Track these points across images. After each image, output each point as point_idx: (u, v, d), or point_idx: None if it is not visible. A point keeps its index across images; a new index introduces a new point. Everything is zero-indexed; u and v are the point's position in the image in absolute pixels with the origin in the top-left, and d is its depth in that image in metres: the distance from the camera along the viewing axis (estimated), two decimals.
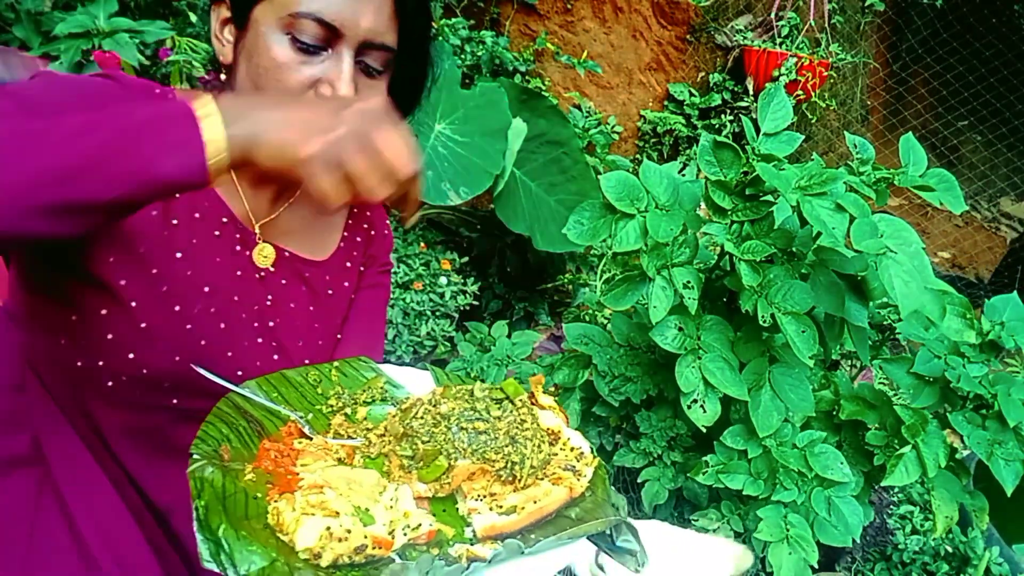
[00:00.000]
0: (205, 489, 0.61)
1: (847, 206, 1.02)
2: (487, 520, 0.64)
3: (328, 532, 0.58)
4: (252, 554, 0.56)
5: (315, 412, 0.78)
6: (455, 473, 0.68)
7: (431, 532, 0.63)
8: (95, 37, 1.72)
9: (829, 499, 1.24)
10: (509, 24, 3.47)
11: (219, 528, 0.57)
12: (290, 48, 0.79)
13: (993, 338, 1.26)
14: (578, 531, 0.66)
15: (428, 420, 0.72)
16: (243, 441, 0.70)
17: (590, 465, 0.72)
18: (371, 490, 0.65)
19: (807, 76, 3.75)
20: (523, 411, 0.75)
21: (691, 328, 1.19)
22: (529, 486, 0.68)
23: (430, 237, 2.56)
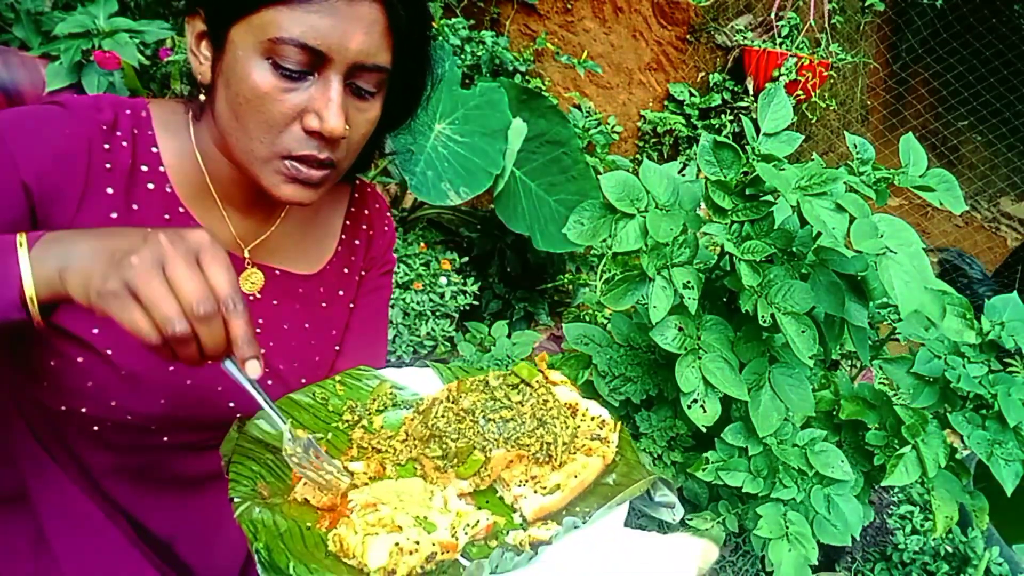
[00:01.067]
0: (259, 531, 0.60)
1: (847, 206, 1.02)
2: (535, 503, 0.65)
3: (398, 547, 0.58)
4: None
5: (332, 431, 0.77)
6: (493, 464, 0.68)
7: (489, 525, 0.64)
8: (95, 37, 1.72)
9: (829, 497, 1.24)
10: (509, 24, 3.47)
11: (288, 566, 0.57)
12: (272, 75, 0.71)
13: (993, 338, 1.26)
14: (625, 495, 0.68)
15: (451, 417, 0.72)
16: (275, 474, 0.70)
17: (614, 431, 0.74)
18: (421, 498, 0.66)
19: (807, 76, 3.76)
20: (541, 391, 0.75)
21: (691, 328, 1.19)
22: (565, 463, 0.69)
23: (430, 237, 2.56)
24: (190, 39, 0.78)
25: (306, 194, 0.77)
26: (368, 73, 0.75)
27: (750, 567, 1.58)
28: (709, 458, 1.27)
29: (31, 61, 1.54)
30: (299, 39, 0.70)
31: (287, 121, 0.73)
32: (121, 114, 0.79)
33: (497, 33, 3.23)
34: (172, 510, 0.89)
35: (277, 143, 0.74)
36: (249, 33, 0.71)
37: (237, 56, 0.72)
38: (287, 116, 0.73)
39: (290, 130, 0.74)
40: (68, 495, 0.84)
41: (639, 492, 0.69)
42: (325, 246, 0.95)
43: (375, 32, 0.73)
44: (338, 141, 0.76)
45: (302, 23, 0.70)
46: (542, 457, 0.69)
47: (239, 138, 0.75)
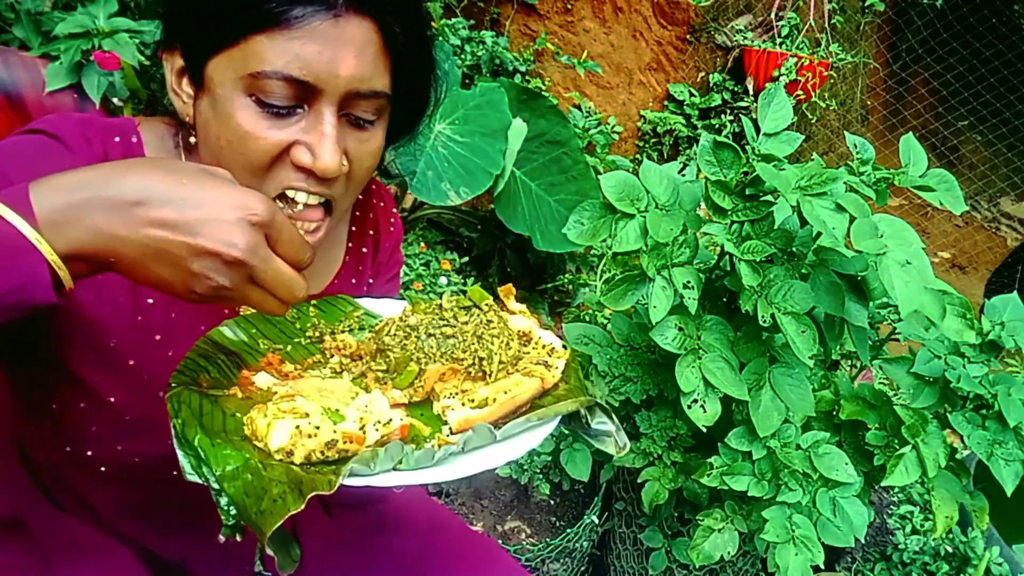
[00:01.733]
0: (182, 408, 0.63)
1: (847, 206, 1.02)
2: (461, 414, 0.66)
3: (298, 430, 0.59)
4: (227, 457, 0.58)
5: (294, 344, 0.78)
6: (427, 376, 0.69)
7: (404, 427, 0.64)
8: (95, 37, 1.72)
9: (834, 500, 1.24)
10: (509, 24, 3.47)
11: (194, 439, 0.59)
12: (256, 113, 0.64)
13: (993, 338, 1.26)
14: (548, 412, 0.68)
15: (399, 334, 0.73)
16: (222, 372, 0.71)
17: (562, 357, 0.74)
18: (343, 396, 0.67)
19: (807, 76, 3.75)
20: (490, 314, 0.76)
21: (691, 328, 1.19)
22: (499, 379, 0.69)
23: (430, 237, 2.56)
24: (170, 77, 0.72)
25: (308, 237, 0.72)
26: (365, 100, 0.68)
27: (751, 567, 1.58)
28: (713, 463, 1.27)
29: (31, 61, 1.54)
30: (283, 71, 0.62)
31: (273, 158, 0.66)
32: (111, 143, 0.72)
33: (497, 33, 3.23)
34: (180, 536, 0.88)
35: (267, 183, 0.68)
36: (228, 68, 0.64)
37: (216, 95, 0.65)
38: (272, 154, 0.66)
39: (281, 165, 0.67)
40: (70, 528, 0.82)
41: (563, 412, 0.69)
42: (331, 259, 0.92)
43: (368, 54, 0.66)
44: (334, 178, 0.69)
45: (285, 53, 0.62)
46: (475, 372, 0.70)
47: None
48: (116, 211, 0.50)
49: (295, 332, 0.80)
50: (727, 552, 1.30)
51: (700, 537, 1.31)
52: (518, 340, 0.75)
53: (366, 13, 0.65)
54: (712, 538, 1.30)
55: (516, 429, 0.66)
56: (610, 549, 1.72)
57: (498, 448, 0.65)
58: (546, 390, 0.71)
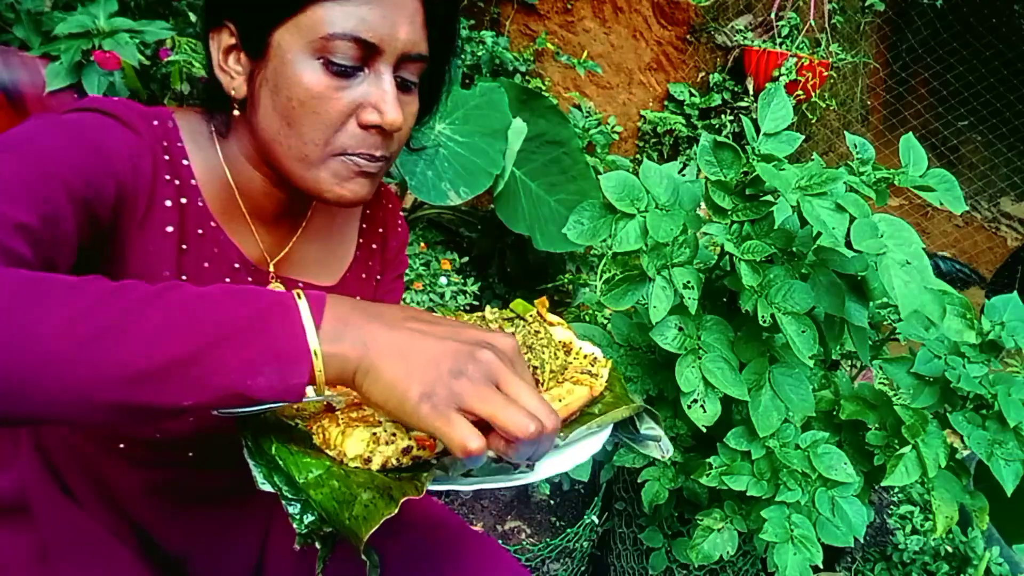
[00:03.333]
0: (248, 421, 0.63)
1: (847, 206, 1.02)
2: None
3: (374, 437, 0.60)
4: (308, 465, 0.58)
5: None
6: None
7: None
8: (95, 37, 1.72)
9: (833, 499, 1.24)
10: (509, 24, 3.47)
11: (271, 448, 0.59)
12: (324, 74, 0.70)
13: (993, 338, 1.26)
14: (606, 419, 0.70)
15: None
16: None
17: (605, 367, 0.76)
18: None
19: (807, 76, 3.76)
20: (535, 325, 0.78)
21: (691, 328, 1.19)
22: (551, 388, 0.71)
23: (430, 237, 2.56)
24: (216, 56, 0.75)
25: (366, 189, 0.76)
26: (412, 64, 0.75)
27: (750, 567, 1.58)
28: (712, 463, 1.27)
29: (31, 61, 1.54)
30: (352, 33, 0.69)
31: (343, 119, 0.72)
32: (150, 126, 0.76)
33: (497, 33, 3.23)
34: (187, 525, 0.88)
35: (332, 143, 0.73)
36: (296, 34, 0.69)
37: (285, 60, 0.70)
38: (343, 114, 0.72)
39: (346, 127, 0.73)
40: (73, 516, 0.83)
41: (623, 416, 0.72)
42: (343, 253, 0.95)
43: (417, 22, 0.73)
44: (391, 135, 0.75)
45: (353, 16, 0.69)
46: None
47: (292, 144, 0.73)
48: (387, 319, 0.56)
49: None
50: (726, 552, 1.30)
51: (699, 537, 1.31)
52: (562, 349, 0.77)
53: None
54: (711, 538, 1.30)
55: (578, 436, 0.68)
56: (610, 549, 1.72)
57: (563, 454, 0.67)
58: (594, 398, 0.73)
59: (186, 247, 0.76)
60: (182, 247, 0.76)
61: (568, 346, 0.79)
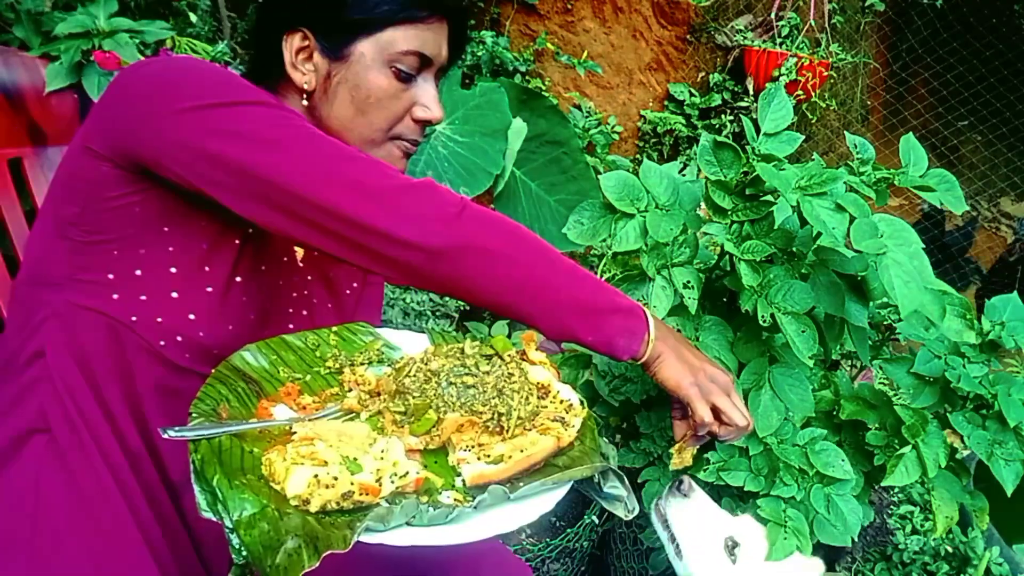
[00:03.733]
0: (201, 444, 0.63)
1: (847, 206, 1.02)
2: (475, 469, 0.66)
3: (316, 479, 0.60)
4: (244, 501, 0.58)
5: (313, 374, 0.79)
6: (444, 425, 0.70)
7: (419, 480, 0.65)
8: (95, 37, 1.72)
9: (828, 497, 1.24)
10: (509, 24, 3.47)
11: (213, 478, 0.59)
12: (393, 79, 0.91)
13: (993, 338, 1.26)
14: (563, 476, 0.69)
15: (420, 377, 0.74)
16: (242, 401, 0.72)
17: (579, 416, 0.75)
18: (361, 442, 0.67)
19: (807, 76, 3.75)
20: (511, 366, 0.77)
21: (691, 328, 1.19)
22: (517, 436, 0.70)
23: None
24: (289, 55, 0.92)
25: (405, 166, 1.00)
26: (441, 73, 0.98)
27: None
28: (710, 459, 1.27)
29: (31, 61, 1.54)
30: (418, 50, 0.91)
31: (403, 113, 0.94)
32: None
33: (497, 33, 3.23)
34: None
35: (393, 130, 0.95)
36: (375, 47, 0.90)
37: (365, 64, 0.90)
38: (404, 109, 0.94)
39: (404, 120, 0.95)
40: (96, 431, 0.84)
41: (578, 476, 0.70)
42: None
43: (447, 42, 0.96)
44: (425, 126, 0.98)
45: (419, 39, 0.91)
46: (493, 426, 0.70)
47: (362, 131, 0.93)
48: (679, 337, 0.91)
49: (315, 361, 0.82)
50: None
51: None
52: (536, 393, 0.76)
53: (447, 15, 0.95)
54: None
55: (530, 492, 0.66)
56: (610, 549, 1.72)
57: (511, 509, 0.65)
58: (561, 449, 0.71)
59: None
60: None
61: (546, 388, 0.78)
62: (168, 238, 0.83)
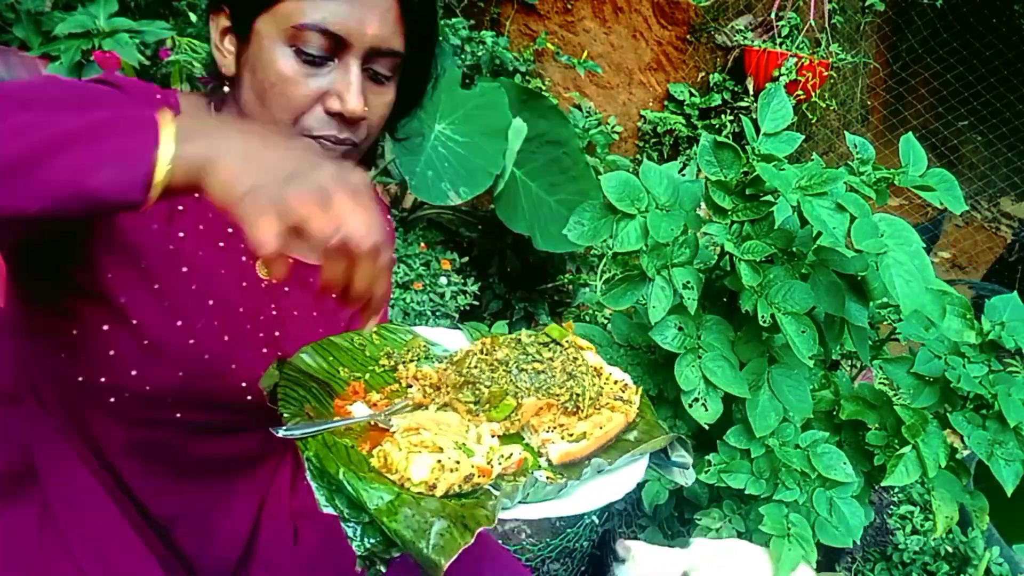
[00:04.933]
0: (309, 443, 0.64)
1: (847, 206, 1.02)
2: (561, 448, 0.70)
3: (440, 465, 0.62)
4: (376, 491, 0.60)
5: (370, 372, 0.81)
6: (524, 410, 0.73)
7: (520, 460, 0.68)
8: (95, 37, 1.72)
9: (831, 500, 1.24)
10: (509, 24, 3.47)
11: (338, 472, 0.61)
12: (295, 61, 0.77)
13: (993, 338, 1.26)
14: (647, 447, 0.73)
15: (485, 367, 0.76)
16: (319, 401, 0.74)
17: (636, 393, 0.79)
18: (458, 429, 0.70)
19: (807, 76, 3.75)
20: (571, 351, 0.80)
21: (691, 328, 1.19)
22: (591, 415, 0.74)
23: (430, 237, 2.56)
24: (215, 35, 0.83)
25: None
26: (384, 58, 0.80)
27: None
28: (711, 460, 1.27)
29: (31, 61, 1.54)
30: (320, 24, 0.75)
31: (309, 104, 0.78)
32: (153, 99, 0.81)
33: (497, 33, 3.23)
34: (176, 493, 0.89)
35: (299, 124, 0.79)
36: (273, 23, 0.76)
37: (263, 45, 0.77)
38: (309, 99, 0.78)
39: (312, 112, 0.79)
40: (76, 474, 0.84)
41: (661, 445, 0.75)
42: None
43: (389, 18, 0.78)
44: (357, 122, 0.81)
45: (323, 10, 0.75)
46: (570, 407, 0.74)
47: (264, 121, 0.79)
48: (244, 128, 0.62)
49: (368, 361, 0.84)
50: None
51: (698, 535, 1.31)
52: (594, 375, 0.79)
53: None
54: (710, 536, 1.30)
55: (623, 463, 0.71)
56: (610, 549, 1.72)
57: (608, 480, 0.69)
58: (629, 425, 0.76)
59: (182, 208, 0.81)
60: (179, 208, 0.81)
61: (599, 370, 0.81)
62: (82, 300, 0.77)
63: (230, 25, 0.81)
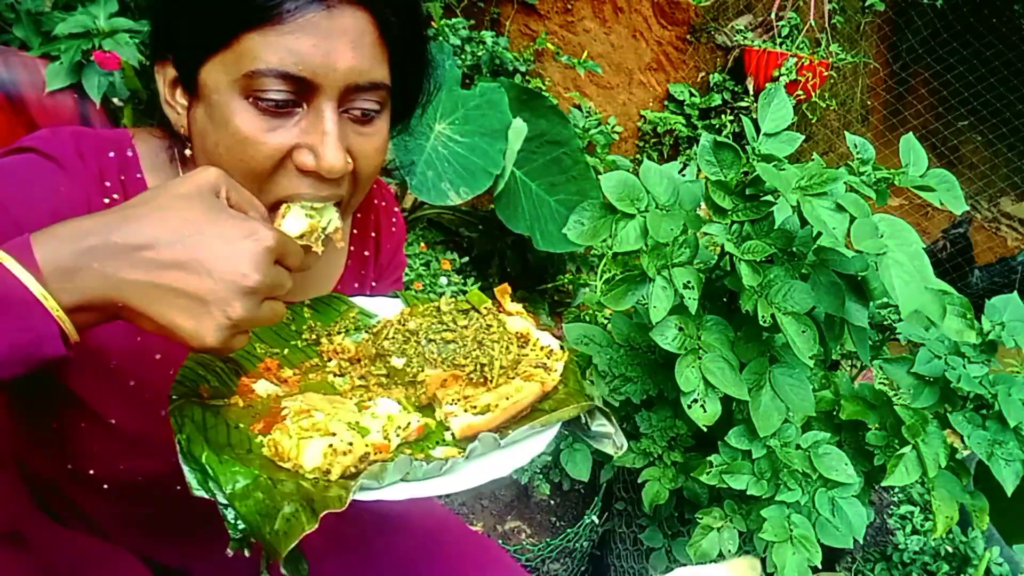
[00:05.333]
0: (186, 423, 0.62)
1: (847, 206, 1.02)
2: (463, 421, 0.66)
3: (332, 449, 0.59)
4: (235, 474, 0.58)
5: (291, 347, 0.78)
6: (428, 382, 0.69)
7: (420, 427, 0.65)
8: (95, 37, 1.72)
9: (833, 500, 1.24)
10: (509, 24, 3.47)
11: (201, 455, 0.59)
12: (254, 114, 0.62)
13: (993, 338, 1.26)
14: (551, 418, 0.68)
15: (399, 339, 0.73)
16: (221, 380, 0.71)
17: (560, 360, 0.74)
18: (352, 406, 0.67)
19: (807, 76, 3.75)
20: (488, 318, 0.76)
21: (691, 328, 1.19)
22: (501, 385, 0.70)
23: (430, 237, 2.56)
24: (163, 89, 0.70)
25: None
26: (365, 92, 0.65)
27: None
28: (712, 461, 1.27)
29: (31, 61, 1.54)
30: (278, 68, 0.60)
31: (275, 163, 0.64)
32: (105, 159, 0.71)
33: (497, 33, 3.22)
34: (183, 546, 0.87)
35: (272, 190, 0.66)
36: (222, 71, 0.62)
37: (212, 102, 0.63)
38: (274, 159, 0.64)
39: (282, 171, 0.65)
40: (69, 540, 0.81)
41: (567, 417, 0.70)
42: (334, 265, 0.90)
43: (364, 45, 0.64)
44: (340, 178, 0.67)
45: (279, 49, 0.60)
46: (476, 378, 0.70)
47: None
48: (123, 257, 0.50)
49: (291, 335, 0.79)
50: (726, 551, 1.30)
51: (699, 536, 1.31)
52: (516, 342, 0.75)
53: (360, 3, 0.63)
54: (711, 536, 1.30)
55: (520, 436, 0.66)
56: (610, 549, 1.72)
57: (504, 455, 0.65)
58: (546, 394, 0.71)
59: None
60: None
61: (525, 336, 0.77)
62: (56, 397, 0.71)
63: (177, 75, 0.68)
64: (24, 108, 1.42)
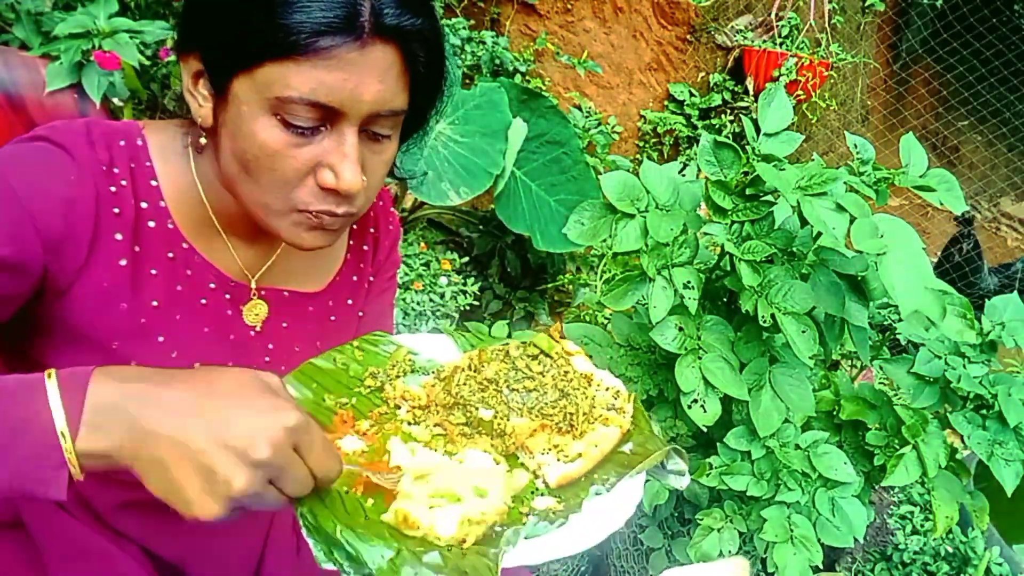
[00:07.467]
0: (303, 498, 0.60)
1: (847, 206, 1.02)
2: (558, 471, 0.67)
3: (467, 520, 0.60)
4: (376, 548, 0.57)
5: (356, 396, 0.77)
6: (517, 432, 0.70)
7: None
8: (95, 37, 1.72)
9: (833, 500, 1.24)
10: (509, 24, 3.47)
11: (335, 530, 0.58)
12: (281, 131, 0.66)
13: (993, 338, 1.26)
14: (645, 464, 0.70)
15: (474, 386, 0.73)
16: None
17: (628, 401, 0.76)
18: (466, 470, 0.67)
19: (807, 76, 3.75)
20: (561, 363, 0.77)
21: (691, 328, 1.19)
22: (585, 432, 0.71)
23: (430, 237, 2.56)
24: (186, 77, 0.72)
25: (328, 240, 0.75)
26: (384, 119, 0.70)
27: (751, 567, 1.58)
28: (712, 463, 1.27)
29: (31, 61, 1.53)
30: (308, 97, 0.64)
31: (301, 177, 0.69)
32: (115, 147, 0.73)
33: (497, 33, 3.22)
34: (181, 536, 0.87)
35: (292, 197, 0.70)
36: (253, 89, 0.66)
37: (242, 112, 0.67)
38: (300, 172, 0.69)
39: (305, 184, 0.70)
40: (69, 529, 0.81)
41: (657, 462, 0.72)
42: (333, 257, 0.92)
43: (390, 78, 0.68)
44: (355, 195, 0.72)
45: (311, 80, 0.64)
46: (564, 427, 0.71)
47: (251, 190, 0.71)
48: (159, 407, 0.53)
49: (352, 381, 0.79)
50: (727, 552, 1.30)
51: (699, 536, 1.31)
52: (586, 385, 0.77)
53: (390, 39, 0.67)
54: (711, 537, 1.30)
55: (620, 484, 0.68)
56: (610, 549, 1.72)
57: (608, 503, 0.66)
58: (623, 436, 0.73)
59: (155, 272, 0.75)
60: (151, 272, 0.75)
61: (589, 378, 0.78)
62: None
63: (203, 69, 0.71)
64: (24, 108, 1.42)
